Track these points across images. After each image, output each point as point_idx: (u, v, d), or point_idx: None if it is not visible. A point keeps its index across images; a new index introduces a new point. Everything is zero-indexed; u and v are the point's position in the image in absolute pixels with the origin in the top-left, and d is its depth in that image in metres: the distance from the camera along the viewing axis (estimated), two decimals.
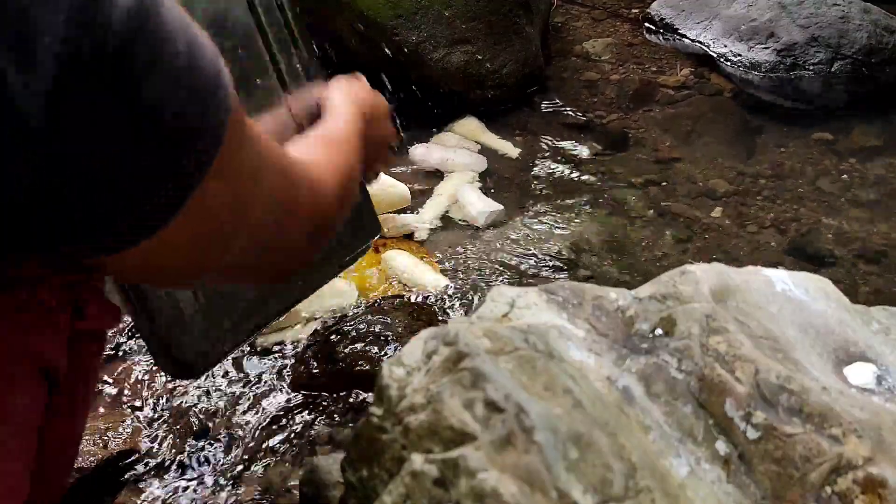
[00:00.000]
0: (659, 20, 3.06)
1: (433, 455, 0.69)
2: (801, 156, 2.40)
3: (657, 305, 0.87)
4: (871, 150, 2.45)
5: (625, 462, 0.70)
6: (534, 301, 0.87)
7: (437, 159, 2.25)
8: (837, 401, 0.79)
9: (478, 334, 0.76)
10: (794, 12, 2.88)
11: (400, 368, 0.77)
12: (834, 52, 2.80)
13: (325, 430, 1.47)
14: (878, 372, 0.86)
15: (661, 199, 2.18)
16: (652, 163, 2.35)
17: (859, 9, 2.89)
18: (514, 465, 0.66)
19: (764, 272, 0.96)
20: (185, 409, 1.50)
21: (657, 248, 2.01)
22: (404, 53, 2.38)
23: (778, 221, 2.13)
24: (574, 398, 0.73)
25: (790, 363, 0.82)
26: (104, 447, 1.41)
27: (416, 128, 2.38)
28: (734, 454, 0.76)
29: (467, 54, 2.42)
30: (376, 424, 0.75)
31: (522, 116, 2.51)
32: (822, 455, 0.74)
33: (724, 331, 0.82)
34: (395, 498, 0.69)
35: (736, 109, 2.63)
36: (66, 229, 0.53)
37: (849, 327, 0.92)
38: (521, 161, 2.31)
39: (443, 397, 0.71)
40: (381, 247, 1.97)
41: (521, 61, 2.53)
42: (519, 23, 2.53)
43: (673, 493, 0.71)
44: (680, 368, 0.80)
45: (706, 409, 0.78)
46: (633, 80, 2.74)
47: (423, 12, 2.39)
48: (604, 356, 0.81)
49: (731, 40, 2.88)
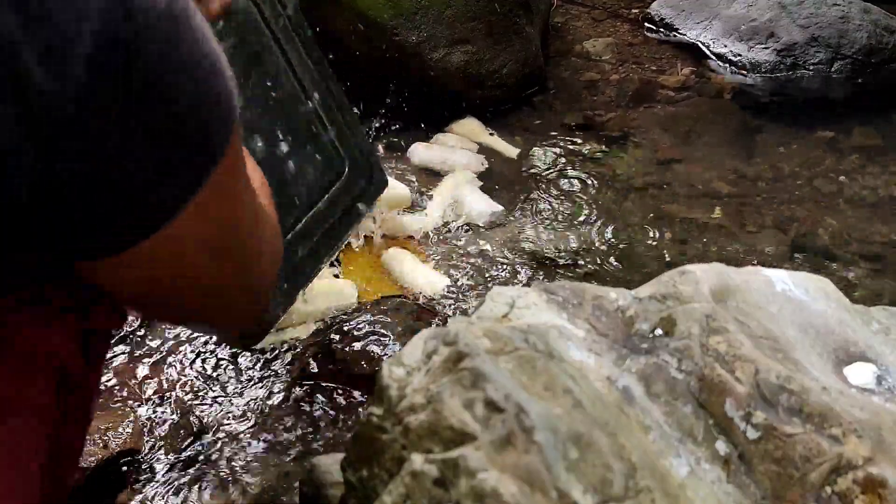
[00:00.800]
0: (659, 20, 3.06)
1: (433, 455, 0.69)
2: (801, 156, 2.40)
3: (657, 305, 0.87)
4: (871, 149, 2.45)
5: (625, 462, 0.70)
6: (534, 301, 0.87)
7: (437, 159, 2.25)
8: (837, 401, 0.79)
9: (478, 334, 0.76)
10: (794, 12, 2.88)
11: (400, 368, 0.77)
12: (834, 52, 2.80)
13: (325, 429, 1.47)
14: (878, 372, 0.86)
15: (660, 199, 2.18)
16: (652, 163, 2.35)
17: (859, 9, 2.89)
18: (514, 465, 0.66)
19: (764, 272, 0.96)
20: (185, 409, 1.50)
21: (657, 248, 2.01)
22: (404, 53, 2.38)
23: (778, 221, 2.13)
24: (574, 398, 0.73)
25: (790, 363, 0.82)
26: (104, 447, 1.41)
27: (416, 128, 2.38)
28: (734, 454, 0.76)
29: (467, 54, 2.42)
30: (376, 424, 0.75)
31: (522, 116, 2.51)
32: (822, 455, 0.74)
33: (724, 331, 0.82)
34: (395, 498, 0.69)
35: (736, 109, 2.63)
36: (67, 227, 0.53)
37: (849, 327, 0.92)
38: (521, 161, 2.31)
39: (443, 397, 0.71)
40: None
41: (521, 61, 2.53)
42: (519, 23, 2.53)
43: (673, 493, 0.71)
44: (680, 368, 0.80)
45: (706, 409, 0.78)
46: (632, 80, 2.74)
47: (423, 12, 2.39)
48: (604, 356, 0.81)
49: (731, 40, 2.88)
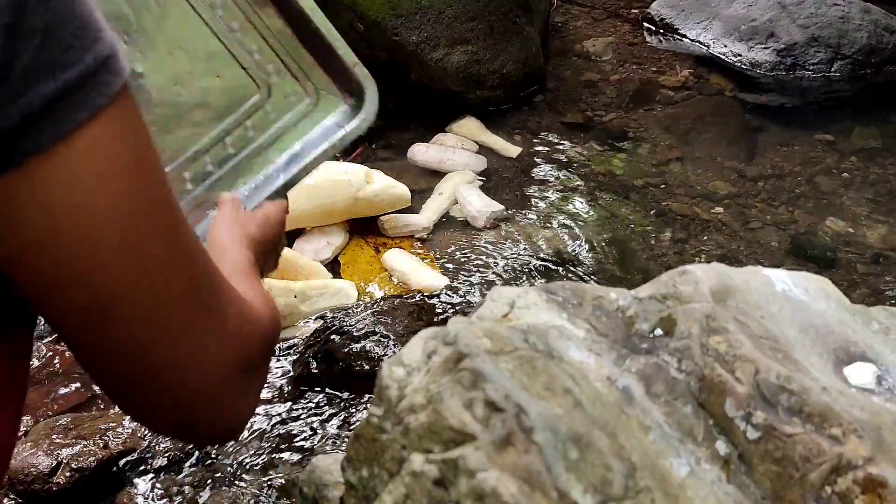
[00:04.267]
0: (659, 20, 3.06)
1: (433, 455, 0.69)
2: (801, 156, 2.40)
3: (657, 305, 0.87)
4: (870, 150, 2.45)
5: (625, 462, 0.70)
6: (534, 301, 0.87)
7: (437, 159, 2.25)
8: (837, 401, 0.79)
9: (478, 334, 0.76)
10: (794, 12, 2.88)
11: (400, 368, 0.77)
12: (834, 52, 2.80)
13: (325, 429, 1.47)
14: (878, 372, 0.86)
15: (661, 198, 2.18)
16: (652, 163, 2.35)
17: (859, 9, 2.89)
18: (513, 465, 0.66)
19: (764, 272, 0.96)
20: None
21: (657, 248, 2.01)
22: (404, 53, 2.38)
23: (778, 221, 2.13)
24: (574, 398, 0.73)
25: (790, 363, 0.82)
26: (104, 447, 1.41)
27: (416, 128, 2.38)
28: (734, 454, 0.76)
29: (467, 54, 2.42)
30: (376, 424, 0.75)
31: (522, 116, 2.51)
32: (822, 455, 0.74)
33: (724, 331, 0.82)
34: (395, 498, 0.69)
35: (736, 109, 2.63)
36: None
37: (849, 327, 0.92)
38: (520, 161, 2.31)
39: (443, 397, 0.71)
40: (380, 247, 1.97)
41: (521, 61, 2.53)
42: (519, 23, 2.53)
43: (673, 493, 0.71)
44: (680, 368, 0.80)
45: (706, 409, 0.78)
46: (633, 80, 2.74)
47: (423, 12, 2.39)
48: (604, 356, 0.81)
49: (731, 40, 2.88)
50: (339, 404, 1.52)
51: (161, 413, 0.62)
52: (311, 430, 1.47)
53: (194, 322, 0.60)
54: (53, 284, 0.57)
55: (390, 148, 2.32)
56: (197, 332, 0.60)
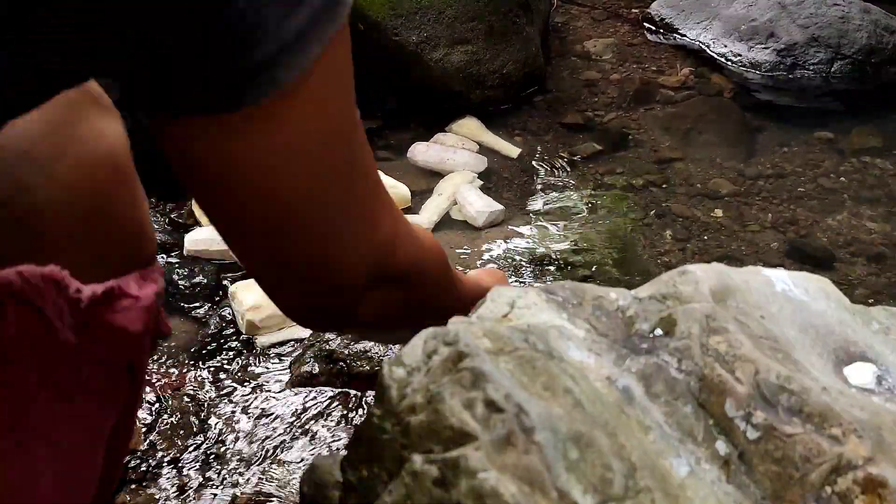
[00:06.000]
0: (659, 20, 3.06)
1: (433, 455, 0.69)
2: (801, 156, 2.40)
3: (657, 305, 0.87)
4: (871, 150, 2.44)
5: (625, 462, 0.70)
6: (534, 301, 0.87)
7: (437, 159, 2.25)
8: (837, 401, 0.79)
9: (478, 334, 0.76)
10: (794, 12, 2.88)
11: (400, 368, 0.77)
12: (834, 52, 2.79)
13: (325, 429, 1.47)
14: (878, 372, 0.86)
15: (661, 199, 2.18)
16: (652, 163, 2.35)
17: (859, 9, 2.89)
18: (514, 465, 0.66)
19: (764, 272, 0.96)
20: (185, 409, 1.50)
21: (657, 248, 2.01)
22: (404, 53, 2.38)
23: (778, 221, 2.13)
24: (574, 398, 0.73)
25: (790, 363, 0.82)
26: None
27: (416, 128, 2.38)
28: (734, 454, 0.76)
29: (467, 54, 2.42)
30: (376, 424, 0.75)
31: (522, 116, 2.51)
32: (822, 455, 0.74)
33: (724, 331, 0.82)
34: (395, 498, 0.69)
35: (736, 109, 2.63)
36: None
37: (849, 327, 0.92)
38: (521, 161, 2.31)
39: (443, 397, 0.71)
40: None
41: (521, 61, 2.53)
42: (519, 23, 2.53)
43: (673, 493, 0.71)
44: (680, 368, 0.80)
45: (706, 410, 0.78)
46: (633, 80, 2.74)
47: (423, 12, 2.39)
48: (604, 356, 0.81)
49: (731, 40, 2.88)
50: (338, 404, 1.52)
51: (296, 297, 0.70)
52: (311, 430, 1.47)
53: (352, 224, 0.66)
54: (247, 197, 0.59)
55: (390, 148, 2.32)
56: (350, 234, 0.66)
